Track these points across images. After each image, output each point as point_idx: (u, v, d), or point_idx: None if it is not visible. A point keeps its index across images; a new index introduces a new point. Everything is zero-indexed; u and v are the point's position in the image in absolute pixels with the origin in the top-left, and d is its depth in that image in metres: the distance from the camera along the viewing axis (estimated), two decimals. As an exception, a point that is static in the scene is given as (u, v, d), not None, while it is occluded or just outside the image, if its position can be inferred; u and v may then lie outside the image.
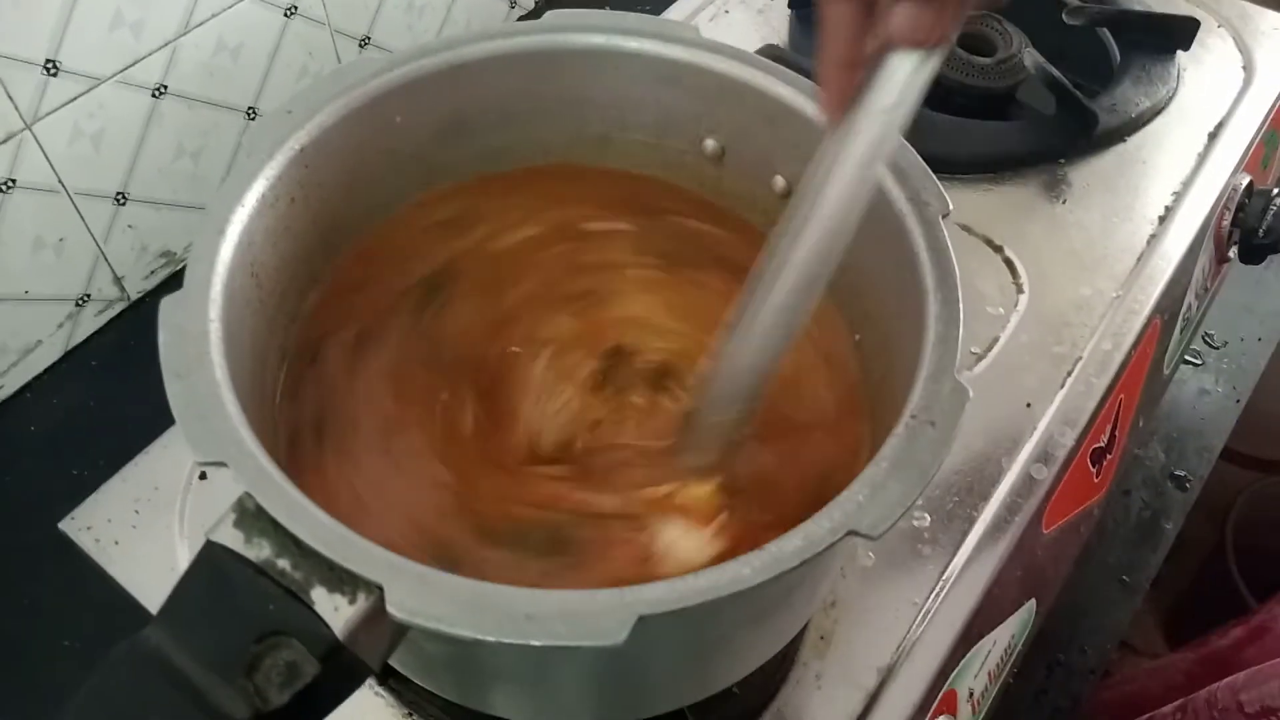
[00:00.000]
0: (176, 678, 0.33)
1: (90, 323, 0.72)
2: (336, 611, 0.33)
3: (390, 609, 0.32)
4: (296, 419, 0.46)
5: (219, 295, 0.39)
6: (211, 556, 0.35)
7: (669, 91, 0.51)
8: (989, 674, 0.60)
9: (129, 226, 0.70)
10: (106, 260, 0.70)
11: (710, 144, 0.53)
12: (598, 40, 0.50)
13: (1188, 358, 0.87)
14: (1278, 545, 1.39)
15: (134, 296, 0.74)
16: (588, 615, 0.32)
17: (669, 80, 0.51)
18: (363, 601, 0.33)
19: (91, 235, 0.68)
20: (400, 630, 0.35)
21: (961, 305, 0.40)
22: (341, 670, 0.34)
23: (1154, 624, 1.47)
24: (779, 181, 0.52)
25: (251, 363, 0.42)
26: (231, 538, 0.35)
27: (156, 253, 0.74)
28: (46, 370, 0.70)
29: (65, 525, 0.56)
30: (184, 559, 0.55)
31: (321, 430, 0.46)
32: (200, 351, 0.37)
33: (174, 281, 0.75)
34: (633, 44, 0.50)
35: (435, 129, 0.50)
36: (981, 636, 0.57)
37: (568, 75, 0.51)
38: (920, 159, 0.46)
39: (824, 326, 0.50)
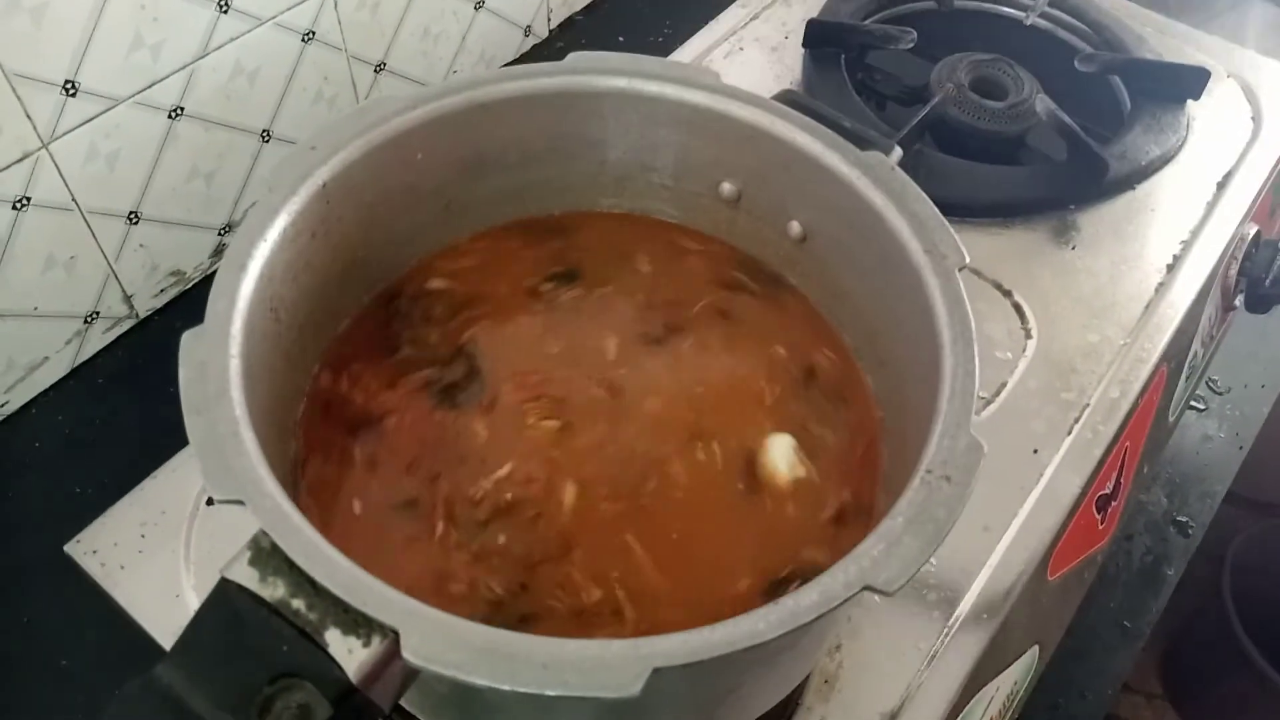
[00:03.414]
0: (189, 717, 0.33)
1: (98, 340, 0.72)
2: (350, 654, 0.33)
3: (405, 654, 0.32)
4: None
5: (239, 331, 0.40)
6: (226, 595, 0.35)
7: (688, 135, 0.51)
8: (991, 720, 0.60)
9: (140, 245, 0.71)
10: (117, 278, 0.71)
11: (727, 187, 0.53)
12: (619, 83, 0.50)
13: (1192, 403, 0.87)
14: (1274, 587, 1.39)
15: (142, 315, 0.74)
16: (603, 666, 0.32)
17: (688, 124, 0.51)
18: (377, 645, 0.33)
19: (103, 253, 0.69)
20: (413, 673, 0.35)
21: (977, 361, 0.41)
22: (353, 713, 0.34)
23: (1150, 663, 1.47)
24: (794, 227, 0.52)
25: (269, 398, 0.42)
26: (246, 576, 0.35)
27: (167, 272, 0.74)
28: (53, 387, 0.71)
29: (70, 548, 0.56)
30: (189, 586, 0.55)
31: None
32: (220, 388, 0.37)
33: (183, 301, 0.76)
34: (654, 88, 0.50)
35: (456, 167, 0.51)
36: (986, 683, 0.57)
37: (588, 117, 0.51)
38: (937, 210, 0.46)
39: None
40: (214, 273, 0.41)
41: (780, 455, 0.48)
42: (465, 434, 0.48)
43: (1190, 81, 0.79)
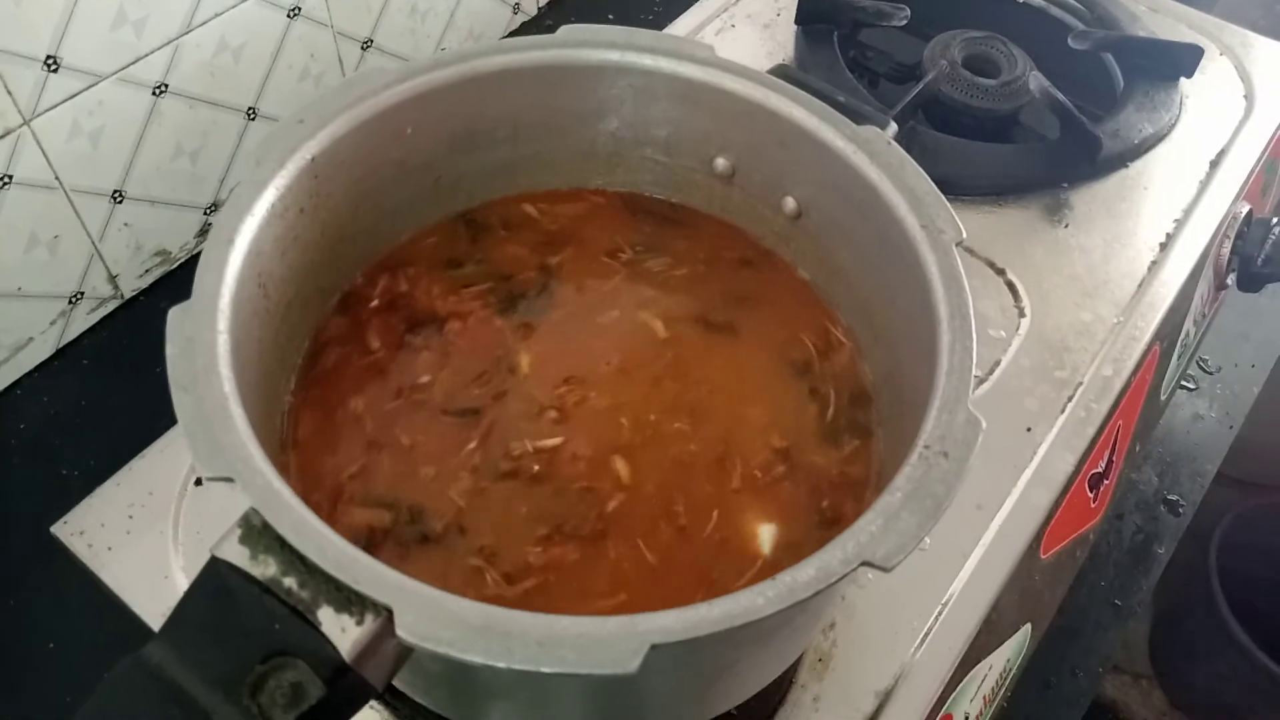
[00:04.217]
0: (180, 696, 0.32)
1: (83, 320, 0.71)
2: (343, 633, 0.33)
3: (399, 632, 0.32)
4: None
5: (227, 306, 0.39)
6: (216, 573, 0.34)
7: (682, 109, 0.51)
8: (984, 698, 0.60)
9: (125, 225, 0.70)
10: (101, 258, 0.70)
11: (721, 163, 0.53)
12: (612, 56, 0.50)
13: (1183, 383, 0.87)
14: (1260, 567, 1.40)
15: (128, 295, 0.73)
16: (599, 643, 0.32)
17: (682, 98, 0.50)
18: (370, 623, 0.33)
19: (87, 233, 0.68)
20: (406, 652, 0.35)
21: (975, 336, 0.40)
22: (347, 692, 0.34)
23: (1137, 642, 1.48)
24: (789, 203, 0.52)
25: (257, 374, 0.41)
26: (237, 554, 0.34)
27: (151, 251, 0.73)
28: (38, 368, 0.70)
29: (58, 530, 0.55)
30: (177, 566, 0.54)
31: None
32: (208, 364, 0.37)
33: (168, 281, 0.75)
34: (647, 61, 0.50)
35: (446, 141, 0.50)
36: (978, 661, 0.57)
37: (580, 91, 0.51)
38: (933, 185, 0.46)
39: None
40: (200, 252, 0.41)
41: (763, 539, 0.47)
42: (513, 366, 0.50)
43: (1183, 59, 0.79)
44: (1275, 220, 0.77)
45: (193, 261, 0.76)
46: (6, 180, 0.61)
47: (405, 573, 0.39)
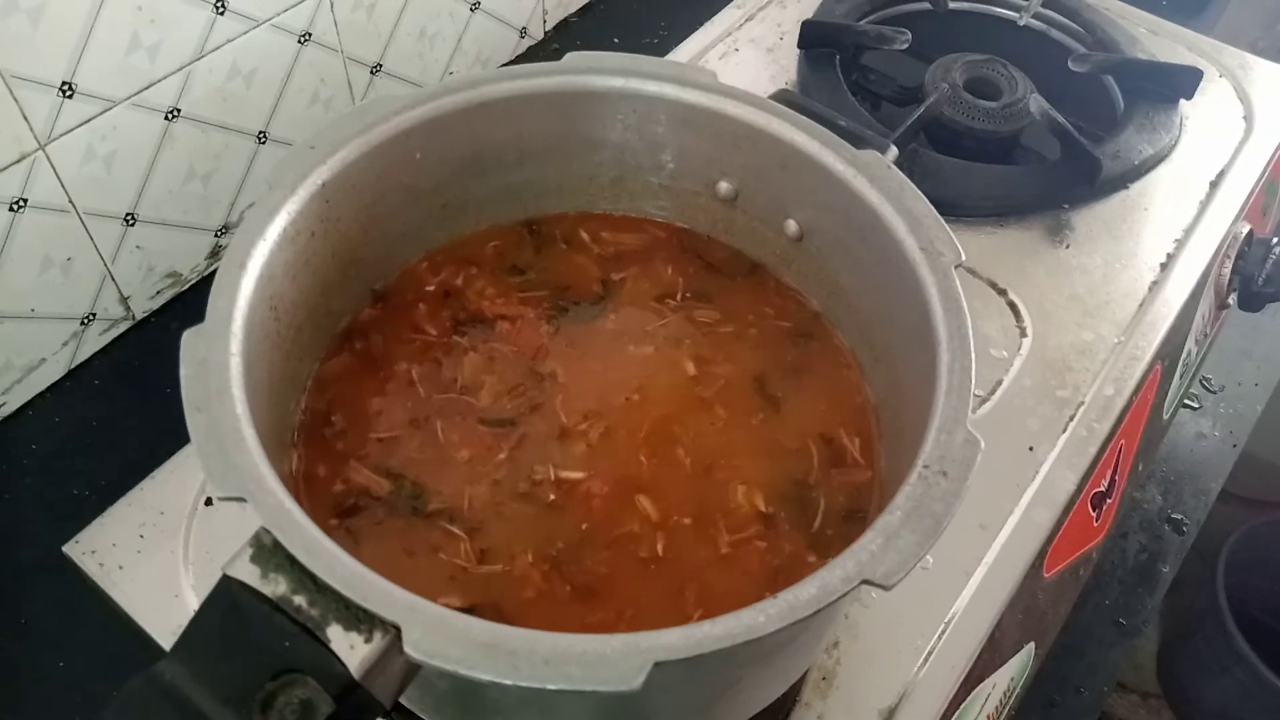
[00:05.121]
0: (192, 713, 0.33)
1: (94, 342, 0.72)
2: (352, 650, 0.33)
3: (407, 650, 0.33)
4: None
5: (239, 329, 0.40)
6: (227, 591, 0.35)
7: (685, 135, 0.52)
8: (988, 716, 0.60)
9: (137, 247, 0.71)
10: (113, 280, 0.71)
11: (724, 186, 0.53)
12: (617, 83, 0.51)
13: (1186, 401, 0.88)
14: (1267, 583, 1.40)
15: (139, 316, 0.74)
16: (604, 660, 0.32)
17: (686, 124, 0.51)
18: (379, 641, 0.33)
19: (100, 255, 0.69)
20: (414, 669, 0.35)
21: (974, 357, 0.41)
22: (355, 708, 0.34)
23: (1145, 661, 1.48)
24: (791, 225, 0.52)
25: (269, 396, 0.42)
26: (248, 573, 0.35)
27: (163, 273, 0.74)
28: (50, 389, 0.71)
29: (69, 549, 0.56)
30: (187, 585, 0.55)
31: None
32: (221, 385, 0.38)
33: (179, 302, 0.76)
34: (651, 87, 0.51)
35: (454, 166, 0.51)
36: (982, 680, 0.57)
37: (586, 116, 0.52)
38: (933, 208, 0.46)
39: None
40: (210, 274, 0.42)
41: None
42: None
43: (1183, 81, 0.80)
44: (1275, 240, 0.78)
45: (204, 283, 0.77)
46: (22, 204, 0.62)
47: (375, 535, 0.41)
